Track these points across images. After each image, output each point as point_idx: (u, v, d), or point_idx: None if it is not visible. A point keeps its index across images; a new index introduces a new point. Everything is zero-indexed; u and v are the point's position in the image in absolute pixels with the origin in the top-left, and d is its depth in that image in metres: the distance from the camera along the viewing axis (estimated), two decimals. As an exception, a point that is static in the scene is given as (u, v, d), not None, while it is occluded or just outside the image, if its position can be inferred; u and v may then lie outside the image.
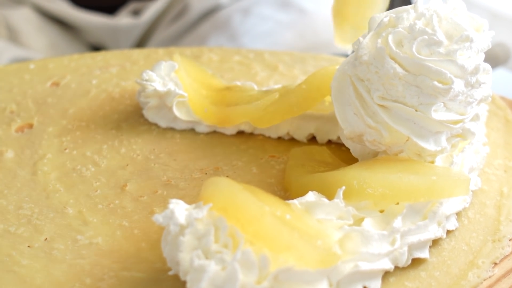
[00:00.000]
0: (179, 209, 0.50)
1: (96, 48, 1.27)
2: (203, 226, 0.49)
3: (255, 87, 0.69)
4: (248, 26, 1.15)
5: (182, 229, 0.49)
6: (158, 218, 0.50)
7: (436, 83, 0.55)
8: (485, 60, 0.71)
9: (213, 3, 1.19)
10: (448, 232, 0.56)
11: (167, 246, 0.50)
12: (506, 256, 0.55)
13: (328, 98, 0.64)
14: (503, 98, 0.75)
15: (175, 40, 1.20)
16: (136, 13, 1.23)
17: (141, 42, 1.24)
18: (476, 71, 0.56)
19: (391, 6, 0.66)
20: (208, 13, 1.19)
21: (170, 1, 1.21)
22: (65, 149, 0.67)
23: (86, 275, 0.52)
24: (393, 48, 0.56)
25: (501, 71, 1.04)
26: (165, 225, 0.50)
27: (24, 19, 1.19)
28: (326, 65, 0.78)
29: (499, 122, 0.70)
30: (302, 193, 0.54)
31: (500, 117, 0.71)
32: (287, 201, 0.53)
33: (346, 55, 0.63)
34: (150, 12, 1.20)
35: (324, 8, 1.20)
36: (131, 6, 1.22)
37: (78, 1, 1.22)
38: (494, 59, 0.99)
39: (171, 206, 0.50)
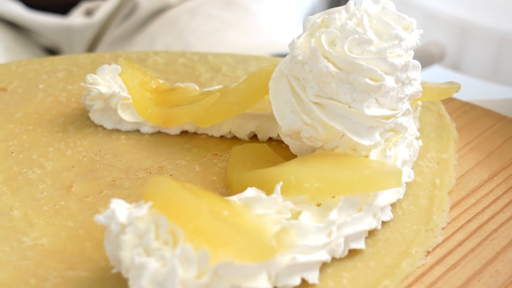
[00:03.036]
0: (120, 208, 0.52)
1: (50, 50, 1.28)
2: (144, 224, 0.51)
3: (197, 88, 0.71)
4: (194, 26, 1.17)
5: (123, 228, 0.51)
6: (100, 218, 0.51)
7: (367, 80, 0.57)
8: (421, 58, 0.74)
9: (161, 3, 1.20)
10: (383, 223, 0.59)
11: (109, 245, 0.52)
12: (438, 245, 0.57)
13: (267, 97, 0.66)
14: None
15: (125, 39, 1.21)
16: (89, 13, 1.23)
17: (94, 41, 1.25)
18: (405, 68, 0.58)
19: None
20: (157, 13, 1.21)
21: (121, 0, 1.22)
22: (12, 152, 0.68)
23: (30, 276, 0.53)
24: (326, 47, 0.58)
25: (436, 69, 1.07)
26: (107, 224, 0.51)
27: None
28: (268, 65, 0.80)
29: (432, 116, 0.73)
30: (243, 189, 0.56)
31: (433, 112, 0.73)
32: (226, 198, 0.55)
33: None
34: (102, 11, 1.21)
35: (267, 8, 1.22)
36: (83, 6, 1.23)
37: (30, 2, 1.23)
38: (430, 57, 1.02)
39: (112, 205, 0.52)
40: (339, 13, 0.60)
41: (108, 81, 0.71)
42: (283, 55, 1.10)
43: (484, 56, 1.02)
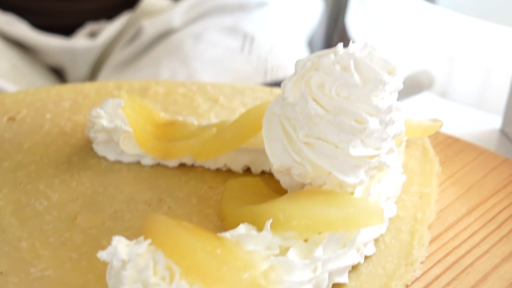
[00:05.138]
0: (121, 245, 0.56)
1: (54, 69, 1.32)
2: (143, 260, 0.55)
3: (195, 122, 0.75)
4: (199, 51, 1.20)
5: (124, 264, 0.55)
6: (102, 254, 0.55)
7: (353, 122, 0.61)
8: (412, 86, 0.77)
9: (165, 27, 1.24)
10: (366, 257, 0.63)
11: (111, 279, 0.56)
12: (417, 278, 0.61)
13: (260, 133, 0.70)
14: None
15: (130, 63, 1.24)
16: (93, 35, 1.27)
17: (98, 63, 1.28)
18: (389, 110, 0.62)
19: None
20: (161, 37, 1.24)
21: (125, 23, 1.26)
22: (20, 183, 0.72)
23: (38, 307, 0.57)
24: (315, 90, 0.62)
25: (426, 95, 1.11)
26: (109, 260, 0.55)
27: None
28: (263, 96, 0.85)
29: (417, 150, 0.77)
30: (236, 223, 0.60)
31: (418, 145, 0.77)
32: (219, 234, 0.59)
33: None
34: (106, 34, 1.25)
35: (269, 34, 1.26)
36: (87, 28, 1.27)
37: (36, 23, 1.26)
38: (419, 85, 1.06)
39: (114, 242, 0.56)
40: (328, 57, 0.64)
41: (111, 114, 0.75)
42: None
43: (471, 84, 1.06)
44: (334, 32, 1.79)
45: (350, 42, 0.66)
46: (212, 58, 1.20)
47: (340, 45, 0.65)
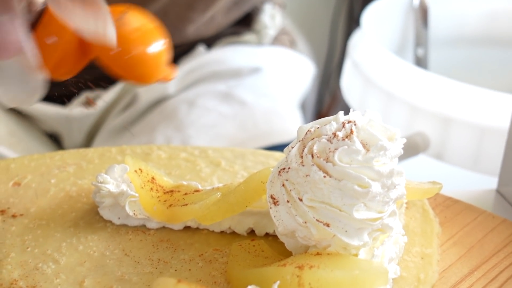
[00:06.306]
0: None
1: (50, 135, 1.34)
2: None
3: (199, 186, 0.77)
4: (193, 118, 1.22)
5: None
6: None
7: (356, 187, 0.63)
8: (407, 149, 0.79)
9: (160, 94, 1.26)
10: (371, 317, 0.64)
11: None
12: (421, 339, 0.63)
13: (264, 197, 0.71)
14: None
15: (125, 129, 1.26)
16: (89, 103, 1.29)
17: (93, 129, 1.30)
18: (390, 175, 0.64)
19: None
20: (156, 103, 1.26)
21: (121, 91, 1.28)
22: (27, 247, 0.73)
23: None
24: (318, 157, 0.64)
25: (421, 158, 1.14)
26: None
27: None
28: (263, 160, 0.87)
29: (417, 211, 0.79)
30: (243, 286, 0.61)
31: (418, 207, 0.79)
32: (228, 297, 0.60)
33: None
34: (102, 102, 1.27)
35: (262, 99, 1.28)
36: (83, 96, 1.29)
37: None
38: (415, 147, 1.09)
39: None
40: (330, 124, 0.66)
41: (117, 179, 0.76)
42: (279, 145, 1.16)
43: (466, 147, 1.08)
44: (325, 94, 1.84)
45: (350, 110, 0.69)
46: (206, 124, 1.21)
47: (341, 112, 0.68)
